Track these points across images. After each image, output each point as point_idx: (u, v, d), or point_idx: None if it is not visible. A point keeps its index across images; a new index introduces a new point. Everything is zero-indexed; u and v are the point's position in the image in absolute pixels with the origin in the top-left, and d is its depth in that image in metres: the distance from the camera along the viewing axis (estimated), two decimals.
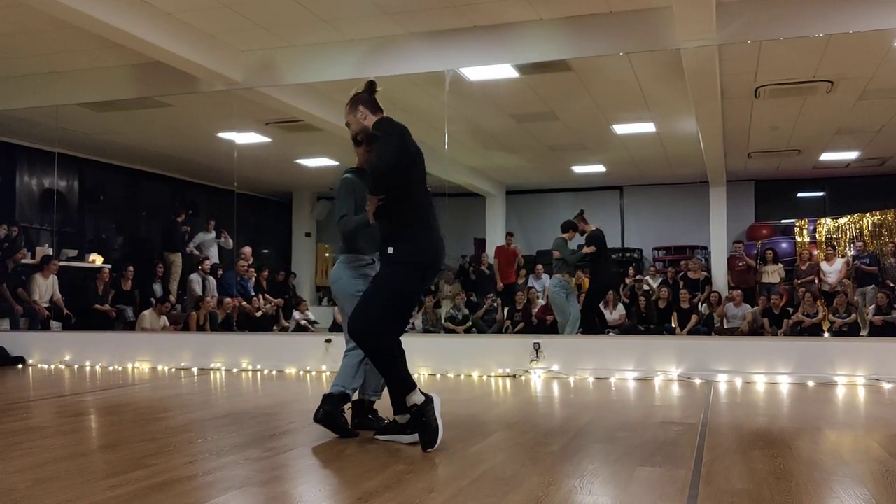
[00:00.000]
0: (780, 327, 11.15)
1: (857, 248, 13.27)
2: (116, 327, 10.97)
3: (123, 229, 15.00)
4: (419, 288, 4.13)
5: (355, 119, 4.23)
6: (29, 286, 10.40)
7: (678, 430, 4.49)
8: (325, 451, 3.92)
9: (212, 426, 4.70)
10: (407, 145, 4.07)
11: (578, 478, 3.31)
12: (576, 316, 10.06)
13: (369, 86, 4.31)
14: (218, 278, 12.02)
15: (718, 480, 3.25)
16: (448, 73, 8.59)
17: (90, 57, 8.98)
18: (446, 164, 11.51)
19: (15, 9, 7.48)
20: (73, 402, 6.01)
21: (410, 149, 4.07)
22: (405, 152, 4.04)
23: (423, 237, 4.07)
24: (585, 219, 10.50)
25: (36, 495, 3.02)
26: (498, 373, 7.56)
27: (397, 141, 4.04)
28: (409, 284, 4.03)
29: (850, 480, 3.29)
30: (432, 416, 3.88)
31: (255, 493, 3.11)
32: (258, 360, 8.32)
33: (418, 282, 4.08)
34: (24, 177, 12.64)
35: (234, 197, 11.51)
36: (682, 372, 7.16)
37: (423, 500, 2.95)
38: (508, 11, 7.63)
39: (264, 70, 8.77)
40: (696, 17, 6.78)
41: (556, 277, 10.07)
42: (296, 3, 7.45)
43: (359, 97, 4.26)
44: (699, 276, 12.54)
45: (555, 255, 10.04)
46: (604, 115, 11.21)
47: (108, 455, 3.83)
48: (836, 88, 9.53)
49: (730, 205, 14.26)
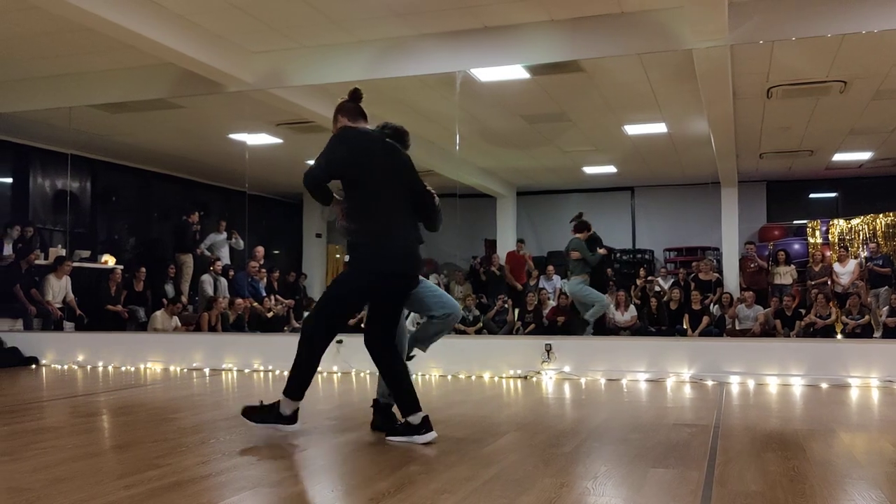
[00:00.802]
0: (792, 329, 11.10)
1: (870, 249, 13.19)
2: (129, 328, 11.01)
3: (136, 230, 15.08)
4: (361, 294, 4.16)
5: (335, 128, 4.27)
6: (42, 287, 10.46)
7: (691, 431, 4.47)
8: (338, 452, 3.92)
9: (224, 427, 4.71)
10: (334, 154, 4.05)
11: (591, 479, 3.30)
12: (605, 302, 10.11)
13: (352, 94, 4.30)
14: (229, 279, 12.05)
15: (732, 482, 3.23)
16: (459, 75, 8.60)
17: (103, 59, 9.03)
18: (457, 164, 11.53)
19: (28, 12, 7.53)
20: (86, 402, 6.04)
21: (346, 155, 4.05)
22: (332, 162, 4.03)
23: (378, 244, 4.08)
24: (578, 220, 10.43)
25: (50, 495, 3.03)
26: (509, 374, 7.55)
27: (324, 153, 4.06)
28: (346, 288, 4.15)
29: (865, 483, 3.26)
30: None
31: (268, 493, 3.12)
32: (269, 361, 8.34)
33: (362, 289, 4.12)
34: (37, 178, 12.72)
35: (246, 198, 11.55)
36: (694, 373, 7.14)
37: (436, 500, 2.95)
38: (519, 12, 7.62)
39: (275, 72, 8.79)
40: (708, 17, 6.76)
41: (576, 278, 9.90)
42: (307, 4, 7.47)
43: (339, 106, 4.28)
44: (711, 278, 12.49)
45: (573, 256, 9.85)
46: (615, 115, 11.19)
47: (121, 455, 3.85)
48: (850, 88, 9.48)
49: (741, 206, 14.22)
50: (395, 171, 4.18)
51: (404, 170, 4.23)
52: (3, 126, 11.33)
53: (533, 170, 15.23)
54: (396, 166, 4.20)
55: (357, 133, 4.17)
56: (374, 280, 4.09)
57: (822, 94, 9.74)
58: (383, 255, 4.08)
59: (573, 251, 9.81)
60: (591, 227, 10.19)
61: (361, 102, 4.31)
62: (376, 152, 4.14)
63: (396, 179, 4.17)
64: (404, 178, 4.21)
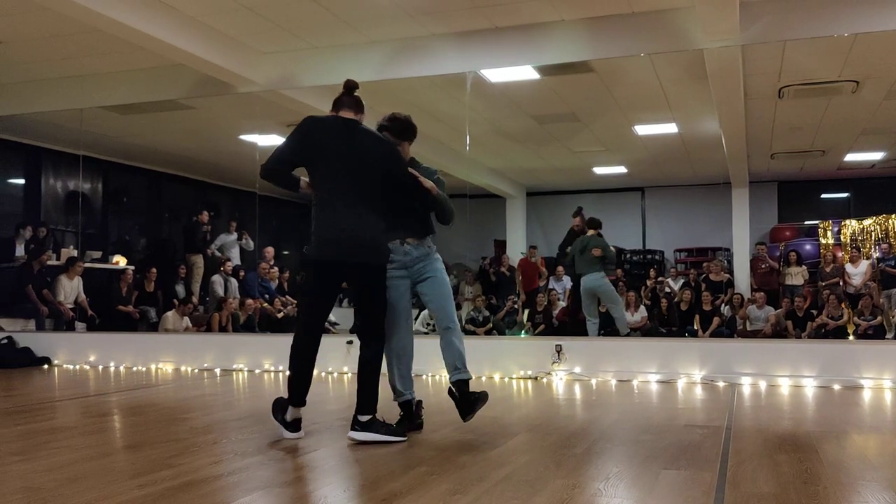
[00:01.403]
0: (803, 330, 11.05)
1: (882, 249, 13.11)
2: (140, 328, 11.06)
3: (146, 231, 15.14)
4: (317, 286, 4.15)
5: None
6: (54, 287, 10.51)
7: (702, 432, 4.46)
8: (349, 452, 3.93)
9: (235, 427, 4.73)
10: (287, 142, 4.10)
11: (603, 480, 3.29)
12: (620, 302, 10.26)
13: (345, 86, 4.30)
14: (240, 280, 12.09)
15: (745, 484, 3.22)
16: (469, 75, 8.59)
17: (114, 60, 9.07)
18: (467, 165, 11.52)
19: (40, 13, 7.56)
20: (98, 402, 6.06)
21: (297, 143, 4.10)
22: (283, 150, 4.09)
23: (318, 234, 4.09)
24: (584, 216, 10.44)
25: (64, 494, 3.04)
26: (519, 375, 7.55)
27: (285, 140, 4.12)
28: (307, 283, 4.20)
29: (878, 484, 3.25)
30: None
31: (280, 493, 3.12)
32: (280, 362, 8.35)
33: (314, 280, 4.13)
34: (49, 179, 12.79)
35: (256, 199, 11.57)
36: (706, 374, 7.11)
37: (447, 501, 2.94)
38: (530, 12, 7.61)
39: (286, 72, 8.81)
40: (719, 17, 6.74)
41: (598, 275, 9.87)
42: (318, 5, 7.48)
43: (335, 100, 4.29)
44: (721, 278, 12.45)
45: (595, 254, 9.83)
46: (625, 115, 11.17)
47: (133, 455, 3.86)
48: (862, 88, 9.43)
49: (752, 206, 14.16)
50: (353, 157, 4.08)
51: (367, 155, 4.11)
52: (16, 128, 11.41)
53: (543, 170, 15.21)
54: (358, 152, 4.10)
55: (314, 120, 4.17)
56: (318, 270, 4.10)
57: (834, 93, 9.70)
58: (319, 243, 4.07)
59: (596, 248, 9.79)
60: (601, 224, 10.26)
61: (358, 93, 4.31)
62: (331, 138, 4.10)
63: (354, 165, 4.08)
64: (367, 163, 4.10)
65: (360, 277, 4.15)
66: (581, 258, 9.97)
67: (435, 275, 4.39)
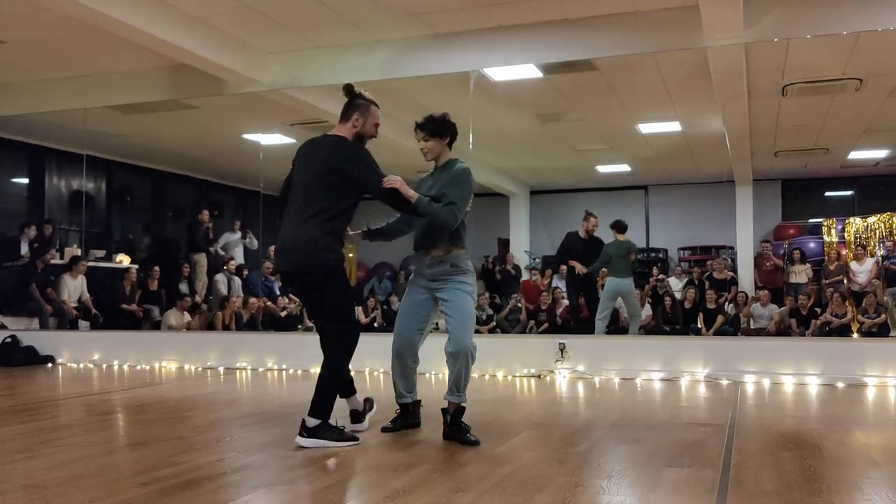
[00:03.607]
0: (807, 328, 11.03)
1: (886, 247, 13.09)
2: (143, 327, 11.07)
3: (150, 230, 15.16)
4: (295, 294, 4.34)
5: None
6: (58, 286, 10.53)
7: (706, 430, 4.46)
8: (353, 451, 3.93)
9: (238, 425, 4.74)
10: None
11: (606, 478, 3.29)
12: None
13: (345, 90, 4.27)
14: (243, 278, 12.10)
15: (748, 482, 3.22)
16: (473, 74, 8.59)
17: (118, 60, 9.08)
18: (470, 163, 11.47)
19: (43, 13, 7.58)
20: (102, 400, 6.08)
21: (291, 171, 4.34)
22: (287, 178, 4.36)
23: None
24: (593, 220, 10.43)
25: (67, 492, 3.05)
26: (522, 373, 7.55)
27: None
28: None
29: (881, 482, 3.24)
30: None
31: (283, 491, 3.13)
32: (283, 360, 8.35)
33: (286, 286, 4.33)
34: (53, 178, 12.82)
35: (260, 197, 11.58)
36: (709, 372, 7.10)
37: (451, 499, 2.95)
38: (533, 11, 7.60)
39: (290, 72, 8.81)
40: (723, 15, 6.73)
41: (630, 279, 10.07)
42: (321, 4, 7.48)
43: (351, 105, 4.25)
44: (725, 276, 12.43)
45: (631, 259, 9.98)
46: (629, 114, 11.16)
47: (136, 453, 3.87)
48: (866, 86, 9.41)
49: (756, 204, 14.13)
50: (306, 169, 4.14)
51: (314, 161, 4.10)
52: (20, 127, 11.43)
53: (546, 169, 15.20)
54: (311, 161, 4.13)
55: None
56: (281, 280, 4.32)
57: (838, 91, 9.67)
58: (278, 250, 4.19)
59: (632, 253, 10.01)
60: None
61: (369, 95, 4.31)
62: (299, 155, 4.29)
63: (306, 176, 4.12)
64: (313, 168, 4.09)
65: (302, 284, 4.18)
66: (620, 262, 9.99)
67: (451, 299, 4.18)
